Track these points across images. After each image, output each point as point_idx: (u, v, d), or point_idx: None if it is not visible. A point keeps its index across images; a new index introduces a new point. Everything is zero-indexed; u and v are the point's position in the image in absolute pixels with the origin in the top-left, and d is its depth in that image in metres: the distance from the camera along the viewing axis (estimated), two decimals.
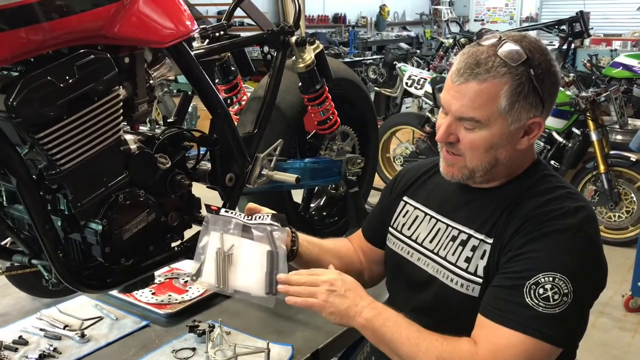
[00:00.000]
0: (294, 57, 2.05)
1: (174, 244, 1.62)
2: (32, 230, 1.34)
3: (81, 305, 1.79)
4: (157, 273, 1.79)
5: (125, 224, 1.42)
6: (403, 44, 9.04)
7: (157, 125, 1.61)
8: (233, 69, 2.26)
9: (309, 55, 2.05)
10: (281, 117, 2.11)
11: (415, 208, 1.45)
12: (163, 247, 1.57)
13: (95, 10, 1.25)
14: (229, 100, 2.31)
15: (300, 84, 2.12)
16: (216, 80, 2.22)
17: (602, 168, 4.14)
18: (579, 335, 1.26)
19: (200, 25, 1.86)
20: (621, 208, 4.24)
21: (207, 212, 1.40)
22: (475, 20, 15.12)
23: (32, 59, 1.21)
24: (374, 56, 9.61)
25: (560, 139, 4.34)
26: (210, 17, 9.35)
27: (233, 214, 1.39)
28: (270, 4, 11.17)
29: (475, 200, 1.33)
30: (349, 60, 8.95)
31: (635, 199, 4.20)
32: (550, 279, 1.14)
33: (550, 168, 1.37)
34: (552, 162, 4.34)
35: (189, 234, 1.63)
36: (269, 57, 2.10)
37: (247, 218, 1.38)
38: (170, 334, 1.65)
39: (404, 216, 1.47)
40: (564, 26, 7.06)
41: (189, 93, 1.75)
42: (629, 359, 3.06)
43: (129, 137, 1.44)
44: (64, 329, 1.66)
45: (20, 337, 1.61)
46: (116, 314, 1.75)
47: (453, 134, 1.26)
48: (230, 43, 1.97)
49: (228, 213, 1.39)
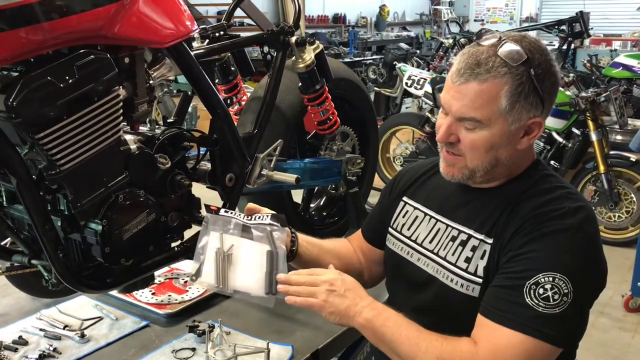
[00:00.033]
0: (293, 57, 2.05)
1: (173, 244, 1.62)
2: (32, 231, 1.34)
3: (81, 306, 1.79)
4: (157, 273, 1.79)
5: (125, 224, 1.42)
6: (403, 44, 9.03)
7: (157, 126, 1.61)
8: (233, 69, 2.26)
9: (309, 55, 2.05)
10: (281, 117, 2.11)
11: (415, 208, 1.45)
12: (163, 247, 1.58)
13: (95, 11, 1.25)
14: (228, 100, 2.31)
15: (300, 84, 2.12)
16: (216, 81, 2.22)
17: (602, 168, 4.14)
18: (578, 335, 1.26)
19: (200, 26, 1.86)
20: (621, 208, 4.24)
21: (207, 212, 1.40)
22: (475, 21, 15.11)
23: (32, 59, 1.21)
24: (374, 56, 9.61)
25: (560, 139, 4.34)
26: (210, 17, 9.35)
27: (233, 214, 1.39)
28: (270, 4, 11.17)
29: (475, 200, 1.33)
30: (348, 60, 8.95)
31: (635, 199, 4.20)
32: (550, 279, 1.14)
33: (550, 168, 1.38)
34: (552, 162, 4.34)
35: (188, 234, 1.63)
36: (268, 57, 2.10)
37: (247, 218, 1.38)
38: (170, 334, 1.65)
39: (404, 216, 1.47)
40: (563, 26, 7.06)
41: (189, 93, 1.75)
42: (628, 359, 3.06)
43: (129, 137, 1.44)
44: (64, 329, 1.66)
45: (20, 337, 1.61)
46: (116, 314, 1.75)
47: (453, 134, 1.26)
48: (230, 43, 1.97)
49: (228, 213, 1.39)
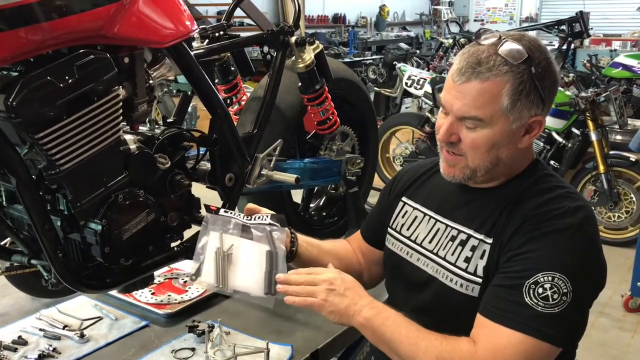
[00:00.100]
0: (293, 57, 2.05)
1: (173, 244, 1.62)
2: (32, 230, 1.34)
3: (80, 306, 1.79)
4: (157, 273, 1.79)
5: (125, 224, 1.42)
6: (403, 44, 9.03)
7: (157, 125, 1.61)
8: (233, 69, 2.26)
9: (309, 55, 2.05)
10: (281, 117, 2.11)
11: (414, 208, 1.45)
12: (162, 247, 1.58)
13: (95, 10, 1.25)
14: (228, 100, 2.31)
15: (299, 84, 2.12)
16: (216, 80, 2.23)
17: (602, 168, 4.14)
18: (578, 335, 1.26)
19: (200, 25, 1.86)
20: (621, 208, 4.24)
21: (207, 212, 1.40)
22: (475, 21, 15.11)
23: (32, 59, 1.21)
24: (374, 56, 9.63)
25: (559, 139, 4.34)
26: (210, 17, 9.35)
27: (232, 214, 1.39)
28: (270, 4, 11.17)
29: (474, 200, 1.33)
30: (348, 60, 8.96)
31: (634, 199, 4.20)
32: (550, 279, 1.14)
33: (549, 168, 1.38)
34: (552, 162, 4.34)
35: (188, 234, 1.63)
36: (268, 57, 2.10)
37: (247, 218, 1.38)
38: (169, 334, 1.65)
39: (403, 217, 1.47)
40: (563, 26, 7.06)
41: (189, 93, 1.75)
42: (628, 359, 3.06)
43: (128, 137, 1.44)
44: (64, 329, 1.65)
45: (19, 337, 1.61)
46: (116, 314, 1.75)
47: (454, 134, 1.26)
48: (230, 43, 1.97)
49: (227, 213, 1.39)
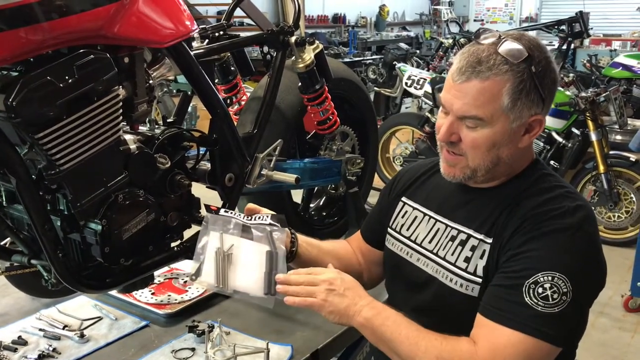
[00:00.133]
0: (293, 57, 2.05)
1: (173, 244, 1.62)
2: (32, 230, 1.34)
3: (80, 306, 1.79)
4: (157, 273, 1.79)
5: (125, 224, 1.42)
6: (403, 44, 9.02)
7: (157, 125, 1.61)
8: (233, 69, 2.26)
9: (309, 55, 2.05)
10: (281, 117, 2.12)
11: (414, 209, 1.45)
12: (162, 247, 1.58)
13: (95, 10, 1.25)
14: (228, 100, 2.31)
15: (299, 84, 2.12)
16: (216, 80, 2.23)
17: (602, 168, 4.14)
18: (578, 335, 1.26)
19: (200, 25, 1.86)
20: (620, 208, 4.24)
21: (207, 212, 1.40)
22: (474, 21, 15.10)
23: (32, 59, 1.21)
24: (374, 56, 9.62)
25: (559, 139, 4.34)
26: (210, 17, 9.35)
27: (233, 214, 1.39)
28: (270, 4, 11.17)
29: (474, 200, 1.33)
30: (348, 60, 8.96)
31: (634, 199, 4.20)
32: (550, 278, 1.14)
33: (549, 168, 1.38)
34: (552, 162, 4.33)
35: (188, 234, 1.63)
36: (268, 57, 2.10)
37: (247, 218, 1.38)
38: (169, 334, 1.65)
39: (403, 217, 1.47)
40: (563, 26, 7.05)
41: (189, 93, 1.75)
42: (628, 359, 3.06)
43: (128, 137, 1.44)
44: (63, 329, 1.65)
45: (19, 337, 1.61)
46: (115, 314, 1.75)
47: (455, 134, 1.25)
48: (229, 43, 1.97)
49: (228, 213, 1.39)
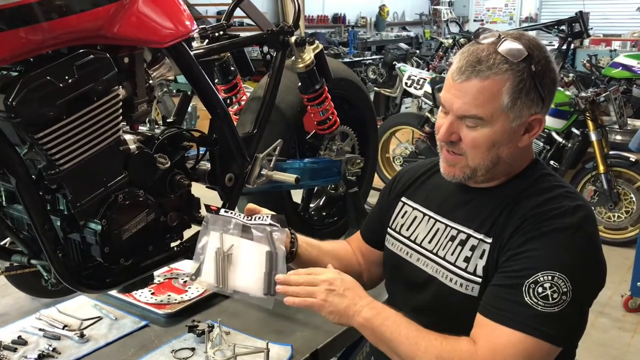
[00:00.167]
0: (293, 57, 2.05)
1: (173, 244, 1.62)
2: (32, 230, 1.34)
3: (80, 305, 1.79)
4: (157, 273, 1.79)
5: (125, 224, 1.42)
6: (402, 44, 9.03)
7: (157, 125, 1.61)
8: (232, 69, 2.26)
9: (309, 55, 2.05)
10: (281, 117, 2.12)
11: (414, 209, 1.45)
12: (162, 247, 1.58)
13: (95, 10, 1.25)
14: (228, 100, 2.31)
15: (299, 84, 2.12)
16: (216, 80, 2.23)
17: (602, 168, 4.14)
18: (578, 334, 1.26)
19: (200, 25, 1.86)
20: (620, 208, 4.24)
21: (207, 212, 1.40)
22: (474, 21, 15.10)
23: (32, 59, 1.21)
24: (374, 56, 9.62)
25: (559, 139, 4.34)
26: (210, 17, 9.35)
27: (233, 214, 1.39)
28: (270, 4, 11.17)
29: (474, 200, 1.33)
30: (348, 60, 8.96)
31: (634, 199, 4.20)
32: (550, 278, 1.14)
33: (549, 167, 1.38)
34: (552, 163, 4.33)
35: (188, 234, 1.63)
36: (268, 57, 2.10)
37: (247, 218, 1.38)
38: (169, 334, 1.65)
39: (403, 217, 1.47)
40: (563, 26, 7.05)
41: (189, 93, 1.75)
42: (628, 359, 3.06)
43: (128, 137, 1.44)
44: (63, 329, 1.65)
45: (19, 337, 1.61)
46: (115, 314, 1.75)
47: (455, 133, 1.25)
48: (229, 43, 1.97)
49: (228, 213, 1.39)
